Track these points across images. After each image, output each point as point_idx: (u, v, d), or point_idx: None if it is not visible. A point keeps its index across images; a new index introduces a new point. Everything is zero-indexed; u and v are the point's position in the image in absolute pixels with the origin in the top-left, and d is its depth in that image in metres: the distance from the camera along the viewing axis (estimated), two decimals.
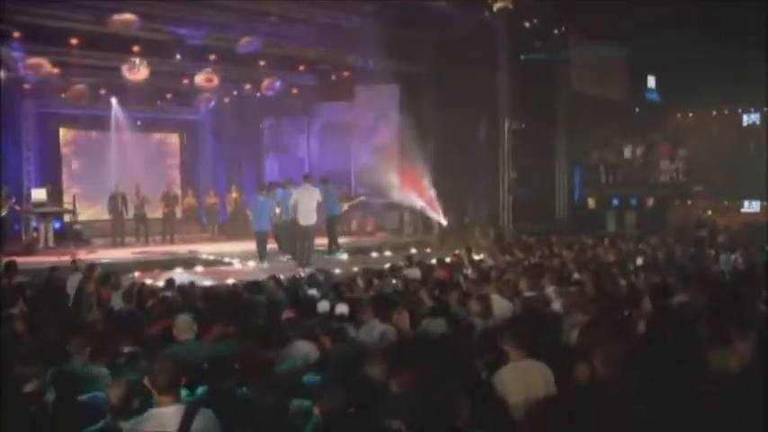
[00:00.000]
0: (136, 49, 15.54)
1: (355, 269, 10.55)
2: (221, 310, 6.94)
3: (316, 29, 16.99)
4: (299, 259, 12.21)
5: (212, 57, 16.83)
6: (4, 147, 17.21)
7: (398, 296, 8.27)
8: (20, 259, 12.68)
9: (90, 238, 17.16)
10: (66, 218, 17.45)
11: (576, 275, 10.00)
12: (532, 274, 8.50)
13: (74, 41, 14.91)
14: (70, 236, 16.66)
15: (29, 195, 16.87)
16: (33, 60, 15.14)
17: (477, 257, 12.53)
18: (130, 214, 17.02)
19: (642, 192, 20.07)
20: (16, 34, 14.08)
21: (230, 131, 21.03)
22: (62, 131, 18.88)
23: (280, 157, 21.35)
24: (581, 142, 20.11)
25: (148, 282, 9.99)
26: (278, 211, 13.76)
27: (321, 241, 14.42)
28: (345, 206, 18.90)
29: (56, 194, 17.98)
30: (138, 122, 20.02)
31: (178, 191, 18.56)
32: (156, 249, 15.57)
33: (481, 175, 19.75)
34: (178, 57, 16.65)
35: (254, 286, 9.03)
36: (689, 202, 19.41)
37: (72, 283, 9.45)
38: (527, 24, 17.46)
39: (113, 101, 18.39)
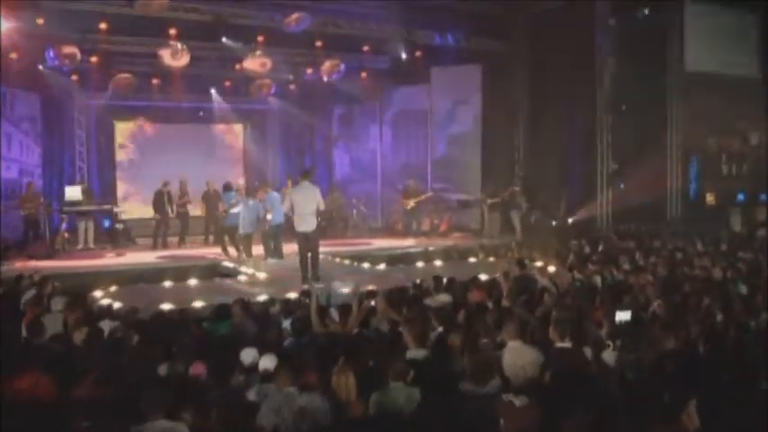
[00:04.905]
0: (173, 32, 14.09)
1: (371, 287, 8.39)
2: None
3: (378, 3, 15.05)
4: (302, 274, 10.26)
5: (260, 38, 15.12)
6: (52, 142, 16.49)
7: (386, 338, 6.11)
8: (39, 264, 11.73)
9: (136, 237, 16.03)
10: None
11: (654, 306, 7.42)
12: (561, 319, 5.52)
13: (103, 26, 13.64)
14: (115, 236, 15.59)
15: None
16: (68, 49, 14.06)
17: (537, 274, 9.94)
18: (174, 213, 15.73)
19: None
20: (39, 21, 12.93)
21: (297, 121, 19.43)
22: (117, 125, 17.89)
23: (350, 149, 19.54)
24: (697, 127, 16.90)
25: (105, 303, 8.32)
26: (269, 216, 12.52)
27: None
28: (412, 203, 16.91)
29: (109, 191, 17.19)
30: (201, 113, 18.82)
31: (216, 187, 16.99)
32: (183, 253, 14.12)
33: (576, 168, 17.33)
34: (224, 39, 15.07)
35: (219, 312, 7.14)
36: None
37: (26, 299, 8.04)
38: None
39: (173, 91, 17.16)
